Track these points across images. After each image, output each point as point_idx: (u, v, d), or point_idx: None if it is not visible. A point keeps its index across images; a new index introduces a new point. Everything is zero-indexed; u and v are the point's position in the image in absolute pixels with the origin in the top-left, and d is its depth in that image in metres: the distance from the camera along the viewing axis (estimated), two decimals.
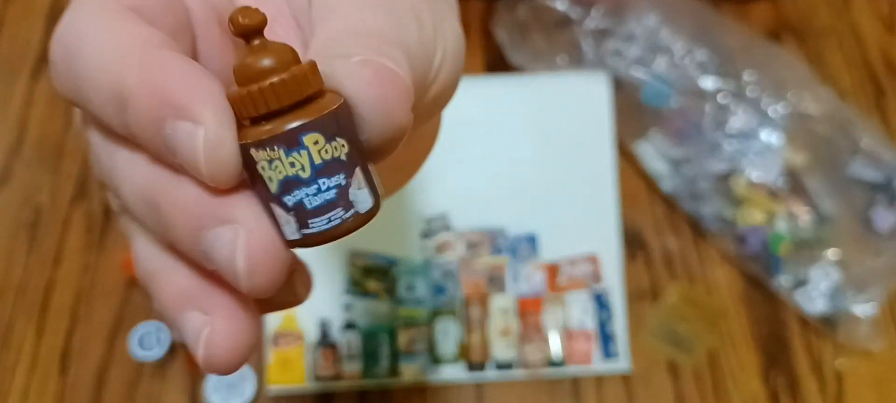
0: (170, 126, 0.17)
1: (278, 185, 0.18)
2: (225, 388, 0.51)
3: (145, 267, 0.20)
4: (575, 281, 0.54)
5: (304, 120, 0.17)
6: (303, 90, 0.17)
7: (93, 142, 0.20)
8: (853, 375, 0.53)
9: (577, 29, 0.61)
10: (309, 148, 0.17)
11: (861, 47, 0.65)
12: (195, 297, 0.19)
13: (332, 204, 0.18)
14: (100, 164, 0.20)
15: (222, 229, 0.17)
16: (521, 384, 0.52)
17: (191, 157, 0.17)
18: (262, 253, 0.17)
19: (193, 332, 0.19)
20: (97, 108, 0.18)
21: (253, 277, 0.17)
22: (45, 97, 0.63)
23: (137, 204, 0.19)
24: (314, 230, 0.18)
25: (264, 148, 0.17)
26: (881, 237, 0.56)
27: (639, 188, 0.59)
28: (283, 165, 0.17)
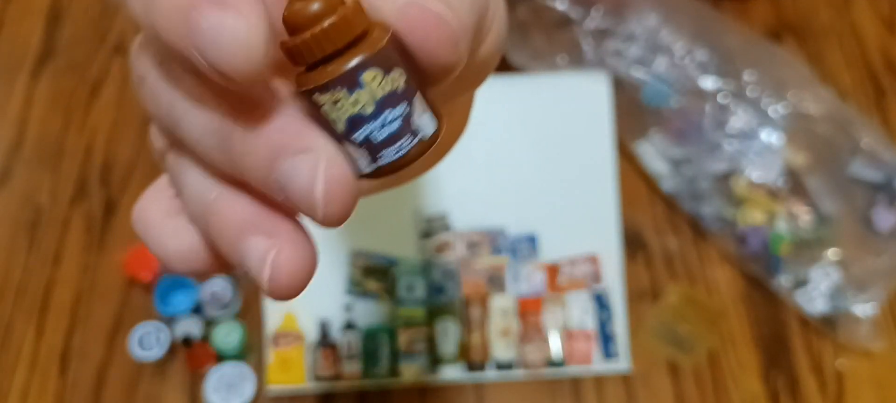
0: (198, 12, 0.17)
1: (345, 125, 0.18)
2: (225, 388, 0.51)
3: (199, 201, 0.20)
4: (575, 282, 0.54)
5: (360, 58, 0.18)
6: (353, 30, 0.18)
7: (155, 77, 0.20)
8: (853, 375, 0.53)
9: (577, 29, 0.61)
10: (369, 84, 0.18)
11: (861, 47, 0.65)
12: (259, 223, 0.19)
13: (399, 133, 0.19)
14: (157, 98, 0.20)
15: (300, 158, 0.18)
16: (521, 384, 0.52)
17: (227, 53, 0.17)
18: (339, 182, 0.18)
19: (259, 256, 0.19)
20: (162, 28, 0.18)
21: (330, 205, 0.18)
22: (45, 97, 0.63)
23: (204, 138, 0.19)
24: (386, 161, 0.19)
25: (327, 91, 0.18)
26: (881, 237, 0.56)
27: (639, 188, 0.59)
28: (346, 104, 0.18)
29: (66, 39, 0.65)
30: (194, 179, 0.21)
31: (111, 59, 0.64)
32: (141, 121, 0.61)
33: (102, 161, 0.60)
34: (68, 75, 0.63)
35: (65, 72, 0.64)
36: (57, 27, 0.66)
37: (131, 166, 0.60)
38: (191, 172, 0.21)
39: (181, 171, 0.21)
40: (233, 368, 0.52)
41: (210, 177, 0.21)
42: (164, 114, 0.20)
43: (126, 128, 0.61)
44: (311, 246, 0.20)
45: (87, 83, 0.63)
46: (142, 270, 0.54)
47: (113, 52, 0.65)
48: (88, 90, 0.63)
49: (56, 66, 0.64)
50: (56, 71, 0.64)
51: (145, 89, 0.21)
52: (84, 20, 0.66)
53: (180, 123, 0.20)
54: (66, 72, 0.64)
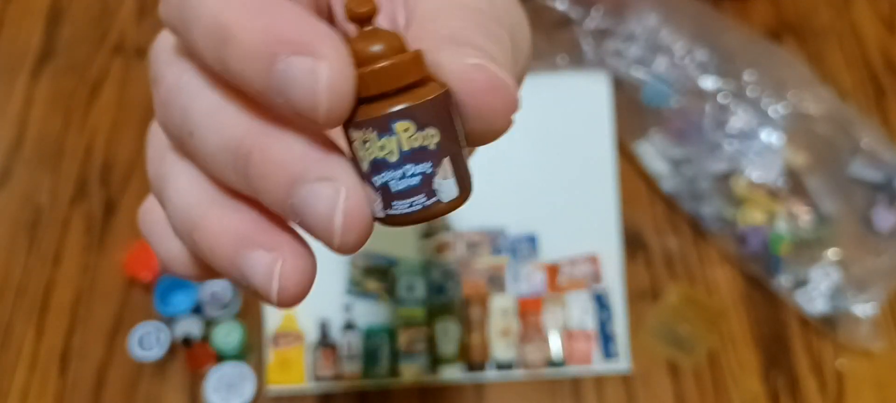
0: (283, 62, 0.17)
1: (369, 165, 0.19)
2: (225, 388, 0.51)
3: (191, 212, 0.20)
4: (575, 282, 0.54)
5: (398, 107, 0.18)
6: (403, 78, 0.18)
7: (171, 83, 0.20)
8: (853, 375, 0.53)
9: (577, 29, 0.61)
10: (399, 134, 0.18)
11: (861, 47, 0.65)
12: (259, 237, 0.19)
13: (416, 189, 0.19)
14: (170, 107, 0.20)
15: (322, 185, 0.18)
16: (521, 384, 0.52)
17: (308, 94, 0.17)
18: (357, 213, 0.18)
19: (263, 271, 0.19)
20: (196, 38, 0.18)
21: (347, 235, 0.18)
22: (45, 97, 0.63)
23: (219, 153, 0.19)
24: (396, 212, 0.19)
25: (360, 128, 0.18)
26: (881, 237, 0.56)
27: (639, 188, 0.59)
28: (373, 147, 0.18)
29: (66, 39, 0.65)
30: (179, 196, 0.21)
31: (111, 59, 0.64)
32: (141, 122, 0.61)
33: (102, 161, 0.60)
34: (68, 75, 0.63)
35: (65, 73, 0.64)
36: (57, 27, 0.66)
37: (131, 166, 0.60)
38: (175, 188, 0.21)
39: (165, 185, 0.21)
40: (233, 368, 0.52)
41: (196, 192, 0.20)
42: (176, 123, 0.20)
43: (126, 129, 0.61)
44: (310, 251, 0.20)
45: (87, 83, 0.63)
46: (142, 270, 0.54)
47: (113, 52, 0.65)
48: (88, 90, 0.63)
49: (56, 66, 0.64)
50: (56, 71, 0.64)
51: (159, 92, 0.21)
52: (84, 20, 0.66)
53: (194, 135, 0.19)
54: (66, 72, 0.64)
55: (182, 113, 0.20)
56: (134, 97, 0.63)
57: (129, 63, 0.64)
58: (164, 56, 0.21)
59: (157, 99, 0.21)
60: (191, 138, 0.19)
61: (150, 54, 0.22)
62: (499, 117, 0.19)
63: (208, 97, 0.19)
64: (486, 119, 0.19)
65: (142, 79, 0.63)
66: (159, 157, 0.22)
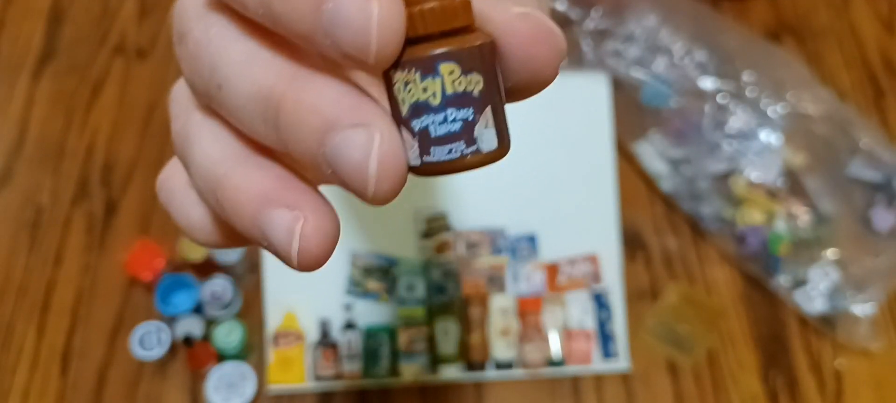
0: (331, 1, 0.17)
1: (409, 108, 0.18)
2: (225, 388, 0.51)
3: (211, 174, 0.20)
4: (575, 281, 0.54)
5: (445, 48, 0.18)
6: (450, 21, 0.18)
7: (198, 37, 0.20)
8: (852, 375, 0.53)
9: (576, 29, 0.61)
10: (443, 76, 0.18)
11: (860, 47, 0.65)
12: (282, 195, 0.19)
13: (456, 135, 0.18)
14: (198, 61, 0.20)
15: (355, 131, 0.17)
16: (521, 383, 0.52)
17: (359, 33, 0.17)
18: (393, 161, 0.18)
19: (285, 228, 0.19)
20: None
21: (381, 183, 0.18)
22: (46, 97, 0.63)
23: (249, 104, 0.19)
24: (434, 159, 0.18)
25: (403, 69, 0.18)
26: (880, 237, 0.56)
27: (638, 188, 0.59)
28: (416, 89, 0.18)
29: (67, 40, 0.65)
30: (203, 154, 0.20)
31: (112, 60, 0.64)
32: (142, 122, 0.62)
33: (103, 161, 0.60)
34: (69, 75, 0.64)
35: (66, 73, 0.64)
36: (58, 28, 0.66)
37: (132, 166, 0.60)
38: (199, 145, 0.20)
39: (189, 143, 0.21)
40: (233, 367, 0.52)
41: (219, 149, 0.20)
42: (204, 77, 0.20)
43: (127, 129, 0.61)
44: (333, 212, 0.19)
45: (88, 83, 0.63)
46: (143, 270, 0.54)
47: (114, 52, 0.65)
48: (89, 90, 0.63)
49: (57, 67, 0.64)
50: (57, 71, 0.64)
51: (186, 47, 0.20)
52: (85, 20, 0.66)
53: (223, 88, 0.19)
54: (67, 72, 0.64)
55: (210, 65, 0.19)
56: (135, 97, 0.63)
57: (130, 63, 0.64)
58: (192, 11, 0.20)
59: (183, 53, 0.20)
60: (219, 91, 0.19)
61: (174, 11, 0.21)
62: (546, 65, 0.19)
63: (239, 47, 0.19)
64: (534, 67, 0.19)
65: (143, 80, 0.64)
66: (184, 117, 0.21)
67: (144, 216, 0.58)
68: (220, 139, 0.20)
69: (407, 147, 0.18)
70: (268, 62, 0.19)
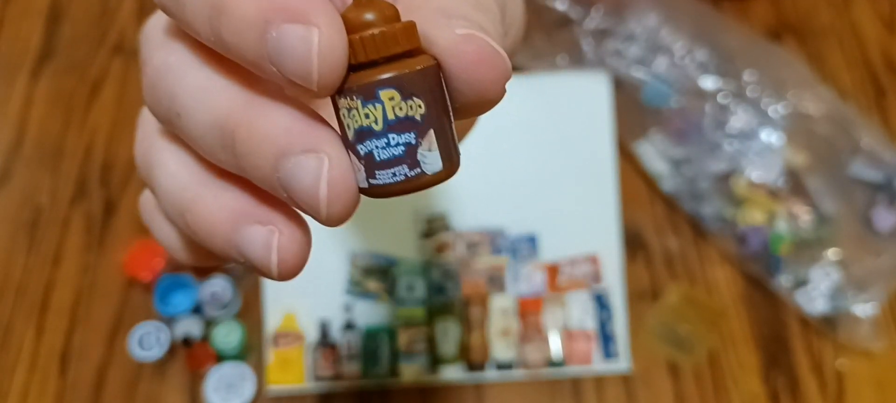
0: (276, 30, 0.17)
1: (354, 133, 0.19)
2: (225, 388, 0.51)
3: (183, 194, 0.21)
4: (575, 282, 0.54)
5: (385, 75, 0.18)
6: (392, 47, 0.18)
7: (157, 65, 0.20)
8: (853, 375, 0.53)
9: (577, 29, 0.61)
10: (384, 102, 0.18)
11: (861, 47, 0.65)
12: (254, 212, 0.20)
13: (399, 159, 0.19)
14: (157, 90, 0.20)
15: (306, 157, 0.18)
16: (521, 384, 0.52)
17: (301, 61, 0.17)
18: (342, 184, 0.18)
19: (261, 244, 0.19)
20: (191, 15, 0.18)
21: (332, 206, 0.18)
22: (45, 97, 0.63)
23: (207, 133, 0.19)
24: (379, 182, 0.19)
25: (346, 96, 0.18)
26: (881, 237, 0.56)
27: (639, 188, 0.59)
28: (359, 115, 0.18)
29: (66, 39, 0.65)
30: (170, 180, 0.21)
31: (111, 59, 0.64)
32: None
33: (102, 161, 0.60)
34: (68, 75, 0.63)
35: (65, 72, 0.64)
36: (57, 27, 0.66)
37: (131, 166, 0.60)
38: (165, 172, 0.21)
39: (153, 170, 0.21)
40: (233, 368, 0.52)
41: (186, 174, 0.20)
42: (163, 105, 0.20)
43: (126, 128, 0.61)
44: (303, 222, 0.20)
45: (87, 83, 0.63)
46: (142, 270, 0.54)
47: (113, 51, 0.65)
48: (88, 90, 0.63)
49: (56, 66, 0.64)
50: (56, 71, 0.64)
51: (148, 74, 0.21)
52: (84, 20, 0.66)
53: (182, 116, 0.20)
54: (66, 72, 0.64)
55: (169, 94, 0.20)
56: (134, 97, 0.63)
57: (129, 63, 0.64)
58: (153, 39, 0.21)
59: (145, 81, 0.21)
60: (178, 119, 0.20)
61: (139, 38, 0.22)
62: (491, 86, 0.19)
63: (195, 76, 0.19)
64: (478, 89, 0.19)
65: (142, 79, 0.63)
66: (147, 143, 0.22)
67: None
68: (185, 163, 0.21)
69: (355, 170, 0.19)
70: (223, 90, 0.19)
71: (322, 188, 0.18)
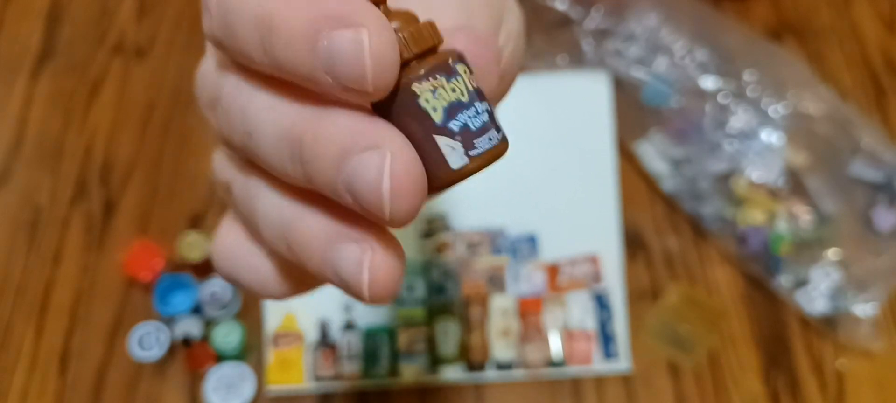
0: (326, 38, 0.17)
1: (443, 113, 0.19)
2: (224, 388, 0.51)
3: (279, 222, 0.21)
4: (575, 282, 0.54)
5: (453, 52, 0.19)
6: (429, 40, 0.19)
7: (228, 91, 0.21)
8: (854, 375, 0.53)
9: (577, 29, 0.61)
10: (462, 75, 0.19)
11: (862, 47, 0.65)
12: (346, 231, 0.20)
13: (488, 124, 0.19)
14: (230, 115, 0.21)
15: (368, 154, 0.18)
16: (522, 384, 0.52)
17: (354, 64, 0.17)
18: (405, 177, 0.18)
19: (354, 262, 0.19)
20: (243, 41, 0.19)
21: (396, 200, 0.18)
22: (45, 97, 0.63)
23: (276, 147, 0.19)
24: (479, 150, 0.19)
25: (427, 79, 0.19)
26: (882, 237, 0.56)
27: (639, 188, 0.59)
28: (446, 92, 0.19)
29: (65, 39, 0.65)
30: (269, 205, 0.21)
31: (111, 59, 0.64)
32: (140, 122, 0.61)
33: (102, 161, 0.60)
34: (68, 75, 0.63)
35: (64, 72, 0.64)
36: (57, 27, 0.66)
37: (131, 166, 0.60)
38: (264, 197, 0.21)
39: (253, 199, 0.22)
40: (232, 368, 0.52)
41: (284, 198, 0.21)
42: (238, 130, 0.20)
43: (126, 128, 0.61)
44: (399, 245, 0.20)
45: (87, 83, 0.63)
46: (141, 270, 0.54)
47: (113, 51, 0.65)
48: (88, 90, 0.63)
49: (56, 66, 0.64)
50: (56, 71, 0.64)
51: (219, 108, 0.21)
52: (84, 20, 0.66)
53: (253, 136, 0.20)
54: (65, 72, 0.64)
55: (241, 116, 0.20)
56: (134, 97, 0.63)
57: (129, 63, 0.64)
58: (216, 73, 0.21)
59: (218, 115, 0.21)
60: (250, 138, 0.20)
61: (198, 86, 0.22)
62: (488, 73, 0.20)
63: (260, 95, 0.20)
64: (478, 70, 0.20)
65: (142, 79, 0.63)
66: (240, 181, 0.22)
67: (143, 216, 0.58)
68: (281, 188, 0.21)
69: (448, 153, 0.19)
70: (288, 105, 0.19)
71: (385, 182, 0.18)
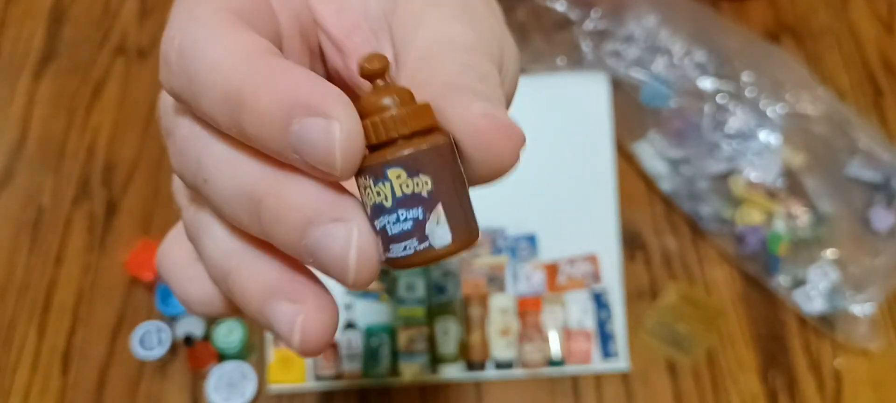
0: (298, 124, 0.18)
1: (370, 210, 0.20)
2: (226, 387, 0.51)
3: (222, 264, 0.21)
4: (574, 281, 0.54)
5: (390, 156, 0.19)
6: (401, 128, 0.19)
7: (184, 134, 0.21)
8: (851, 374, 0.53)
9: (576, 30, 0.61)
10: (391, 181, 0.19)
11: (859, 48, 0.65)
12: (284, 288, 0.20)
13: (408, 233, 0.20)
14: (184, 156, 0.21)
15: (335, 226, 0.19)
16: (521, 383, 0.53)
17: (324, 151, 0.18)
18: (369, 250, 0.19)
19: (286, 321, 0.20)
20: (208, 107, 0.19)
21: (360, 272, 0.19)
22: (47, 97, 0.63)
23: (232, 199, 0.20)
24: (393, 255, 0.20)
25: (361, 175, 0.19)
26: (879, 237, 0.56)
27: (638, 188, 0.59)
28: (372, 193, 0.19)
29: (68, 40, 0.66)
30: (213, 244, 0.21)
31: (113, 60, 0.65)
32: (143, 122, 0.62)
33: (104, 161, 0.60)
34: (70, 76, 0.64)
35: (67, 73, 0.64)
36: (59, 28, 0.66)
37: (133, 166, 0.60)
38: (210, 236, 0.22)
39: (200, 234, 0.22)
40: (234, 367, 0.52)
41: (229, 241, 0.21)
42: (191, 172, 0.21)
43: (128, 129, 0.61)
44: (333, 303, 0.21)
45: (89, 84, 0.63)
46: (143, 270, 0.54)
47: (115, 52, 0.65)
48: (90, 90, 0.63)
49: (58, 67, 0.64)
50: (58, 71, 0.64)
51: (173, 144, 0.21)
52: (86, 21, 0.66)
53: (208, 183, 0.20)
54: (68, 72, 0.64)
55: (196, 161, 0.20)
56: (136, 97, 0.63)
57: (131, 63, 0.64)
58: (170, 112, 0.22)
59: (172, 149, 0.21)
60: (205, 185, 0.20)
61: (159, 107, 0.23)
62: (508, 159, 0.20)
63: (219, 147, 0.20)
64: (495, 165, 0.20)
65: (144, 80, 0.64)
66: (192, 209, 0.22)
67: (145, 216, 0.58)
68: (228, 230, 0.21)
69: (376, 244, 0.20)
70: (247, 161, 0.20)
71: (352, 255, 0.19)
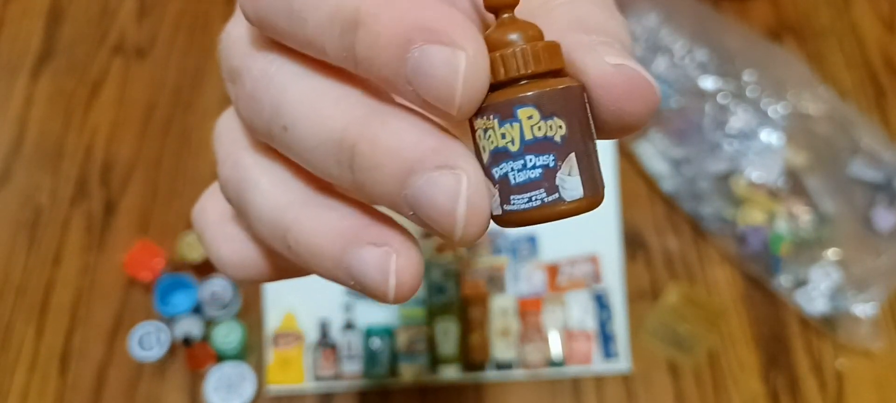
0: (419, 50, 0.16)
1: (489, 156, 0.18)
2: (225, 388, 0.51)
3: (277, 220, 0.19)
4: (575, 282, 0.54)
5: (523, 93, 0.17)
6: (533, 65, 0.17)
7: (259, 74, 0.19)
8: (853, 375, 0.53)
9: None
10: (522, 121, 0.17)
11: (861, 47, 0.65)
12: (367, 232, 0.18)
13: (536, 183, 0.17)
14: (257, 101, 0.19)
15: (441, 174, 0.17)
16: (521, 384, 0.52)
17: (444, 83, 0.16)
18: (480, 202, 0.17)
19: (376, 266, 0.18)
20: (313, 28, 0.17)
21: (469, 226, 0.17)
22: (46, 97, 0.63)
23: (321, 147, 0.18)
24: (514, 207, 0.18)
25: (482, 115, 0.17)
26: (881, 237, 0.56)
27: (639, 188, 0.59)
28: (495, 135, 0.17)
29: (66, 39, 0.65)
30: (264, 200, 0.19)
31: (111, 59, 0.64)
32: (141, 121, 0.62)
33: (102, 161, 0.60)
34: (68, 75, 0.63)
35: (65, 72, 0.64)
36: (57, 27, 0.66)
37: (131, 166, 0.60)
38: (259, 192, 0.20)
39: (246, 190, 0.20)
40: (233, 368, 0.52)
41: (284, 194, 0.19)
42: (265, 118, 0.19)
43: (126, 128, 0.61)
44: (416, 242, 0.19)
45: (87, 83, 0.63)
46: (142, 270, 0.54)
47: (113, 51, 0.65)
48: (88, 90, 0.63)
49: (56, 66, 0.64)
50: (56, 71, 0.64)
51: (242, 87, 0.19)
52: (84, 20, 0.66)
53: (289, 130, 0.18)
54: (66, 72, 0.64)
55: (273, 106, 0.18)
56: (134, 97, 0.63)
57: (130, 63, 0.64)
58: (245, 48, 0.19)
59: (239, 93, 0.19)
60: (284, 132, 0.18)
61: (221, 48, 0.20)
62: (639, 118, 0.18)
63: (304, 85, 0.18)
64: (625, 120, 0.18)
65: (142, 79, 0.63)
66: (234, 159, 0.20)
67: (144, 216, 0.58)
68: (282, 182, 0.20)
69: (492, 197, 0.18)
70: (338, 100, 0.18)
71: (460, 207, 0.17)
